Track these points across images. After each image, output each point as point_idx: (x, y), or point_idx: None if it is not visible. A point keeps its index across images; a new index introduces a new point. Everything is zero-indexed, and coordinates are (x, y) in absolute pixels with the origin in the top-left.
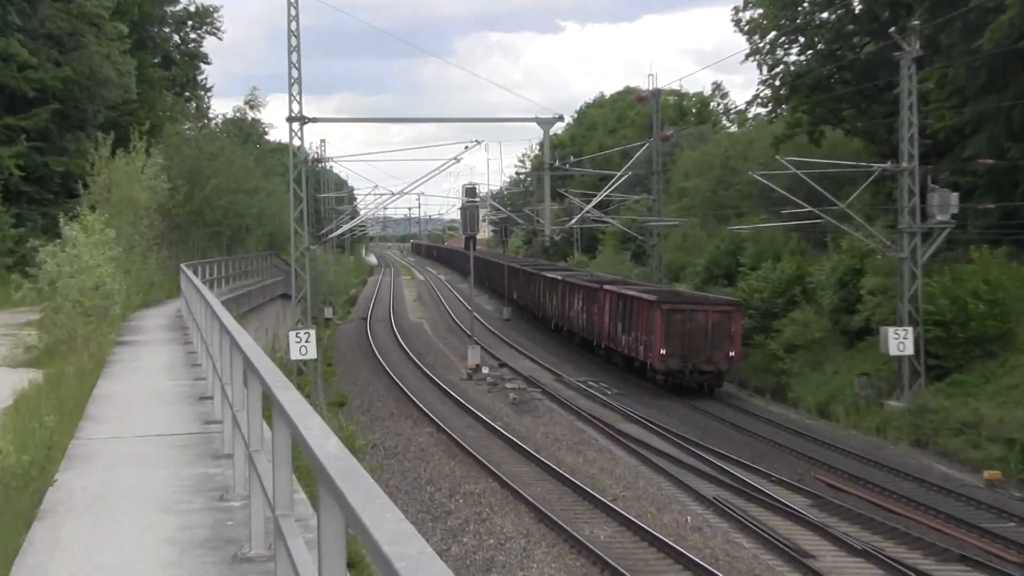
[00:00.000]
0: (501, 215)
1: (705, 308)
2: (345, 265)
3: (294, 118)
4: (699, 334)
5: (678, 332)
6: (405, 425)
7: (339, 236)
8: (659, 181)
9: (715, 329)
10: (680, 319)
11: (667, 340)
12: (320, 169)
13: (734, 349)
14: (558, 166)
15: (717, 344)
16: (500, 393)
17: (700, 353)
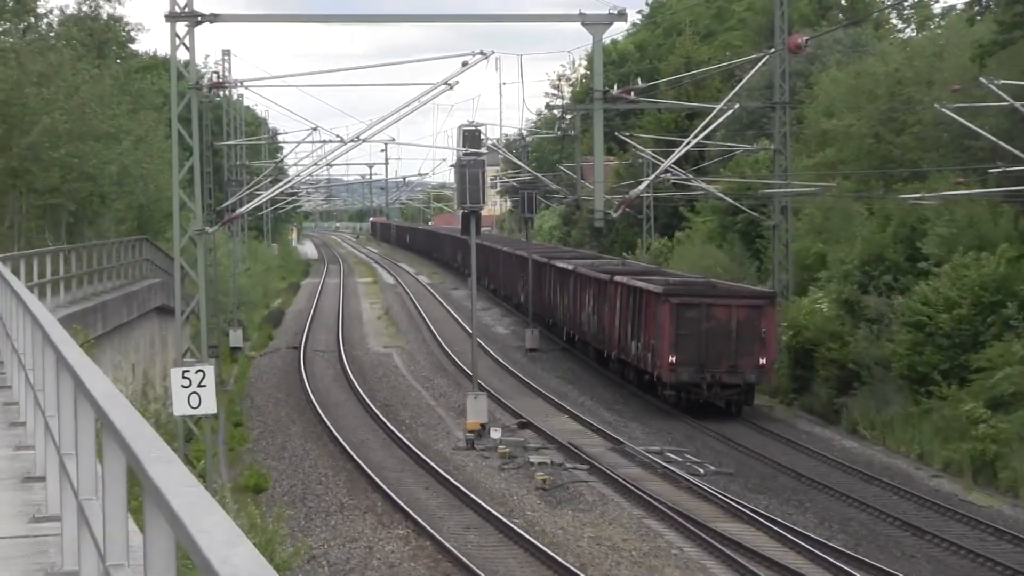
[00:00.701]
0: (522, 177)
1: (728, 302)
2: (264, 260)
3: (179, 14)
4: (720, 336)
5: (692, 333)
6: (363, 524)
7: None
8: (785, 120)
9: (741, 329)
10: (694, 316)
11: (678, 344)
12: (223, 100)
13: (766, 355)
14: (617, 95)
15: (744, 348)
16: (520, 472)
17: (722, 361)
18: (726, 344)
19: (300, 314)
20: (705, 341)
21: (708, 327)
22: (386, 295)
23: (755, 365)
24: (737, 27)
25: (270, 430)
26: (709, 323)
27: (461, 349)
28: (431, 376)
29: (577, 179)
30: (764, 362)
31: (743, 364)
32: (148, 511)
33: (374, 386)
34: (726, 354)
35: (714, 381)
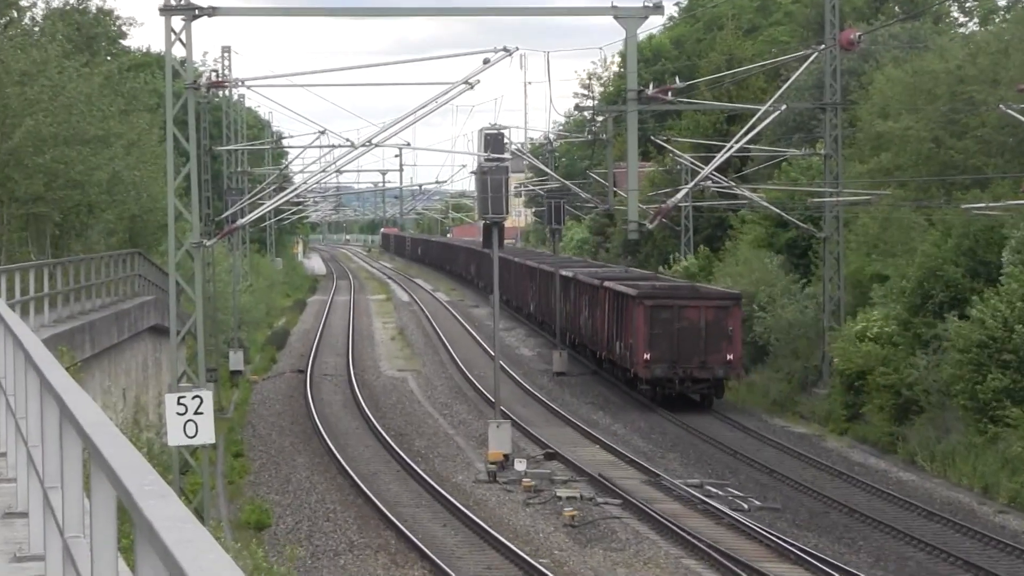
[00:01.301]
0: (549, 184)
1: (697, 303)
2: (267, 275)
3: (174, 7)
4: (690, 335)
5: (665, 333)
6: (375, 564)
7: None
8: (837, 123)
9: (710, 328)
10: (667, 317)
11: (652, 343)
12: (222, 101)
13: (733, 351)
14: (653, 95)
15: (712, 346)
16: (547, 507)
17: (693, 357)
18: (696, 342)
19: (306, 334)
20: (677, 339)
21: (680, 327)
22: (400, 313)
23: (723, 361)
24: (783, 21)
25: (273, 461)
26: (681, 323)
27: (482, 373)
28: (449, 402)
29: (609, 187)
30: (731, 358)
31: (712, 360)
32: (140, 550)
33: (387, 413)
34: (696, 351)
35: (686, 376)
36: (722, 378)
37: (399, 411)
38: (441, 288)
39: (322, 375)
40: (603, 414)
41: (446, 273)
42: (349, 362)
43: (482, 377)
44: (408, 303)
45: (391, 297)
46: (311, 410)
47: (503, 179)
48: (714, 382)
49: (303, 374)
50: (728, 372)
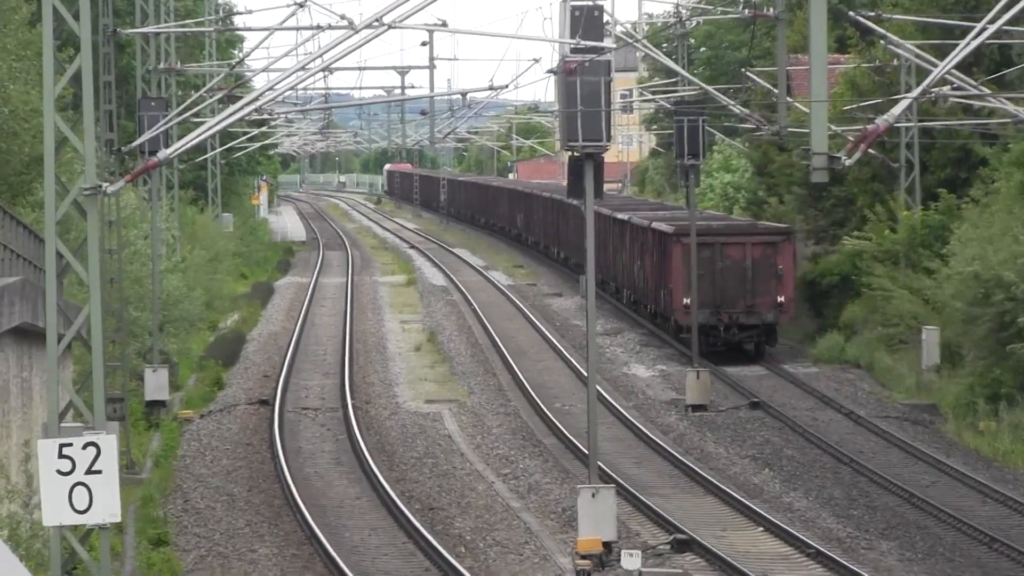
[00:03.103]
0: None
1: (741, 239)
2: (210, 242)
3: None
4: (735, 275)
5: (706, 274)
6: None
7: (191, 157)
8: None
9: (757, 267)
10: (707, 256)
11: (691, 285)
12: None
13: (784, 293)
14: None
15: (760, 287)
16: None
17: (737, 302)
18: (741, 284)
19: (274, 341)
20: (720, 281)
21: (722, 266)
22: (431, 306)
23: (772, 304)
24: None
25: (218, 554)
26: (723, 262)
27: (567, 405)
28: (512, 454)
29: (780, 95)
30: (782, 300)
31: (760, 303)
32: None
33: (408, 473)
34: (742, 293)
35: (731, 322)
36: (773, 323)
37: (428, 469)
38: (499, 263)
39: (300, 409)
40: (772, 474)
41: (480, 228)
42: (345, 386)
43: (567, 412)
44: (443, 289)
45: (415, 279)
46: (281, 468)
47: (602, 83)
48: (764, 328)
49: (268, 407)
50: (779, 316)
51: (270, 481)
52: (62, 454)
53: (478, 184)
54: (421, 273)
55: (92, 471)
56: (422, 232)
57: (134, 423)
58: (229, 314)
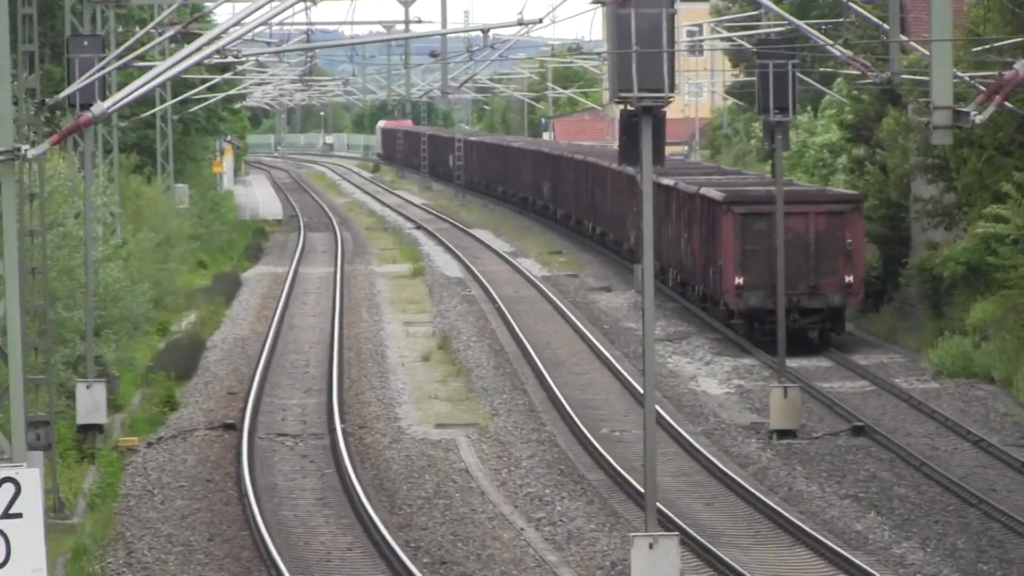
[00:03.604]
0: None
1: (803, 208)
2: (160, 220)
3: None
4: (795, 251)
5: (762, 249)
6: None
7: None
8: None
9: (821, 241)
10: (763, 228)
11: (744, 263)
12: None
13: (853, 272)
14: None
15: (825, 265)
16: None
17: (799, 282)
18: (803, 260)
19: (241, 348)
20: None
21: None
22: (443, 304)
23: (839, 285)
24: None
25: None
26: (783, 236)
27: (617, 428)
28: (546, 493)
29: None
30: (851, 280)
31: (825, 284)
32: None
33: (414, 516)
34: (804, 272)
35: (791, 306)
36: (840, 307)
37: (440, 513)
38: (529, 248)
39: (274, 435)
40: (880, 519)
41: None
42: (332, 408)
43: (618, 440)
44: (459, 281)
45: (423, 268)
46: (251, 511)
47: (663, 16)
48: (829, 312)
49: (234, 433)
50: (847, 299)
51: (237, 528)
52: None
53: (493, 145)
54: (430, 261)
55: (9, 514)
56: (431, 208)
57: (63, 453)
58: (184, 314)
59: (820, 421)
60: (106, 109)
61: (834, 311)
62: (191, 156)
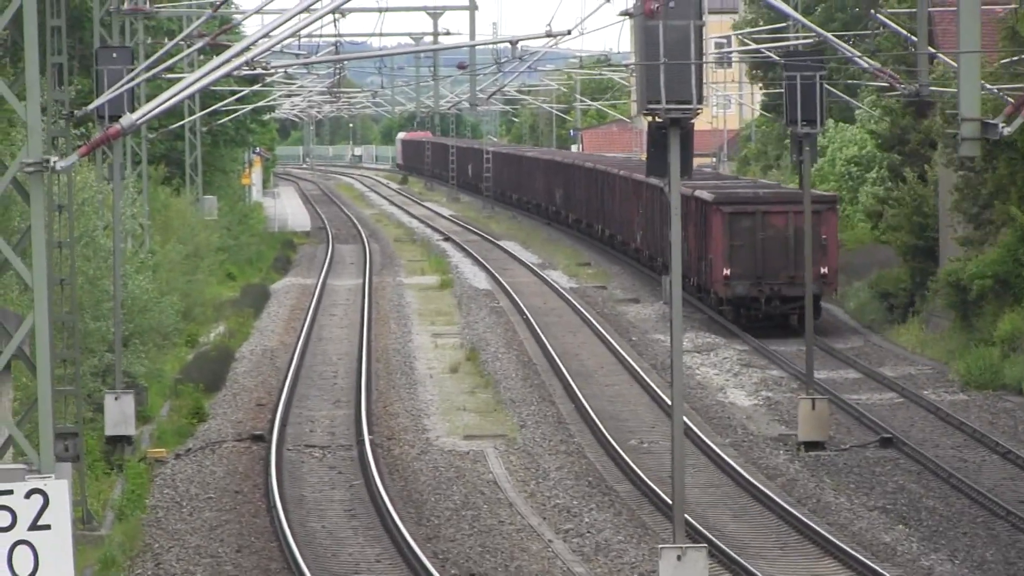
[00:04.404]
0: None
1: (783, 208)
2: (188, 232)
3: None
4: (777, 245)
5: (747, 244)
6: None
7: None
8: None
9: (800, 237)
10: (748, 226)
11: (732, 256)
12: None
13: (827, 264)
14: None
15: (803, 258)
16: None
17: (779, 272)
18: (784, 254)
19: (269, 359)
20: (761, 251)
21: (764, 236)
22: (472, 315)
23: (816, 275)
24: None
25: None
26: (765, 232)
27: (646, 439)
28: (574, 504)
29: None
30: (826, 271)
31: (803, 275)
32: None
33: (442, 527)
34: (784, 265)
35: (773, 294)
36: (816, 296)
37: (468, 524)
38: (558, 260)
39: (303, 446)
40: (908, 531)
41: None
42: (360, 419)
43: (646, 452)
44: (487, 293)
45: (451, 280)
46: (279, 522)
47: (691, 27)
48: None
49: (262, 444)
50: (823, 288)
51: (265, 539)
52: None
53: (508, 155)
54: (458, 272)
55: (38, 526)
56: (460, 220)
57: (91, 465)
58: (212, 325)
59: (848, 433)
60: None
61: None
62: (220, 168)
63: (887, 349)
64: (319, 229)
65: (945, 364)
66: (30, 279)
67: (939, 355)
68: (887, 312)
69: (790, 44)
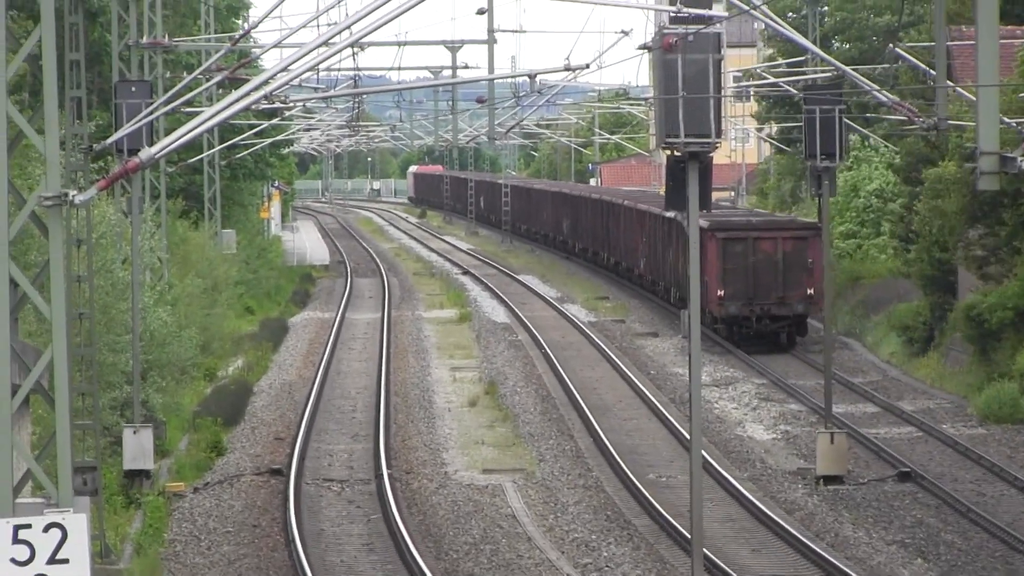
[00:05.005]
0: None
1: (773, 234)
2: (207, 266)
3: None
4: (767, 269)
5: (739, 267)
6: None
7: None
8: None
9: (788, 261)
10: (741, 251)
11: (725, 278)
12: None
13: (813, 286)
14: None
15: (791, 280)
16: None
17: (769, 293)
18: (773, 276)
19: (287, 393)
20: (752, 274)
21: (755, 260)
22: (490, 349)
23: (803, 296)
24: None
25: None
26: (756, 256)
27: (664, 476)
28: (593, 539)
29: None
30: (812, 292)
31: (791, 295)
32: None
33: (460, 561)
34: (774, 286)
35: (763, 313)
36: (803, 314)
37: (486, 559)
38: (576, 294)
39: (321, 480)
40: (927, 565)
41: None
42: (379, 453)
43: (664, 486)
44: (505, 327)
45: (469, 314)
46: (298, 556)
47: (710, 61)
48: (794, 319)
49: (281, 479)
50: (809, 308)
51: (283, 573)
52: (18, 538)
53: (518, 188)
54: (477, 306)
55: (56, 560)
56: (478, 253)
57: (109, 499)
58: (231, 359)
59: (867, 467)
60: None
61: (798, 317)
62: (239, 201)
63: (906, 383)
64: (338, 263)
65: (964, 398)
66: (49, 313)
67: (958, 389)
68: (906, 345)
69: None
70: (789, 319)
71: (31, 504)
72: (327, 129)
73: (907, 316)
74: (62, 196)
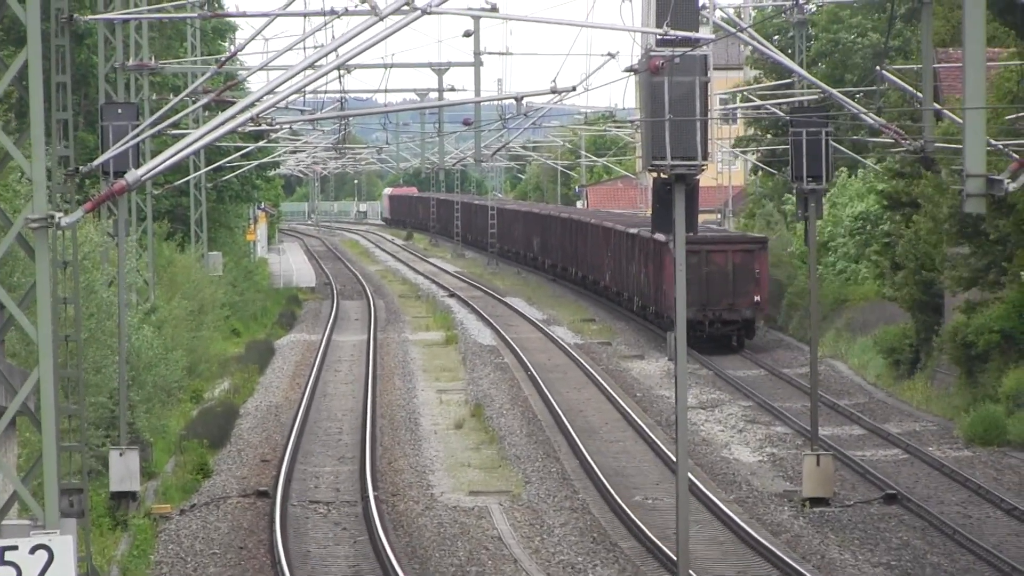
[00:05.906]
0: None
1: (723, 247)
2: (193, 289)
3: None
4: (718, 278)
5: (694, 277)
6: None
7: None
8: None
9: (737, 271)
10: (695, 262)
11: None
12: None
13: (760, 294)
14: None
15: (740, 288)
16: None
17: (721, 300)
18: (724, 285)
19: (274, 415)
20: (706, 283)
21: (708, 271)
22: (476, 371)
23: (751, 303)
24: None
25: None
26: (709, 267)
27: (650, 497)
28: (579, 561)
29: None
30: (759, 299)
31: (740, 302)
32: None
33: None
34: (725, 294)
35: (715, 318)
36: (751, 319)
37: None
38: (563, 316)
39: (308, 503)
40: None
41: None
42: (365, 475)
43: (651, 508)
44: (492, 349)
45: (456, 336)
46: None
47: (697, 84)
48: (743, 323)
49: (267, 500)
50: (756, 313)
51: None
52: (4, 560)
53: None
54: (463, 329)
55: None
56: (464, 276)
57: (95, 520)
58: (217, 381)
59: (853, 489)
60: (140, 177)
61: (747, 322)
62: (225, 224)
63: (892, 405)
64: (324, 285)
65: (950, 420)
66: (35, 335)
67: (944, 411)
68: (892, 367)
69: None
70: (738, 323)
71: (18, 526)
72: (313, 151)
73: (893, 338)
74: (48, 218)
